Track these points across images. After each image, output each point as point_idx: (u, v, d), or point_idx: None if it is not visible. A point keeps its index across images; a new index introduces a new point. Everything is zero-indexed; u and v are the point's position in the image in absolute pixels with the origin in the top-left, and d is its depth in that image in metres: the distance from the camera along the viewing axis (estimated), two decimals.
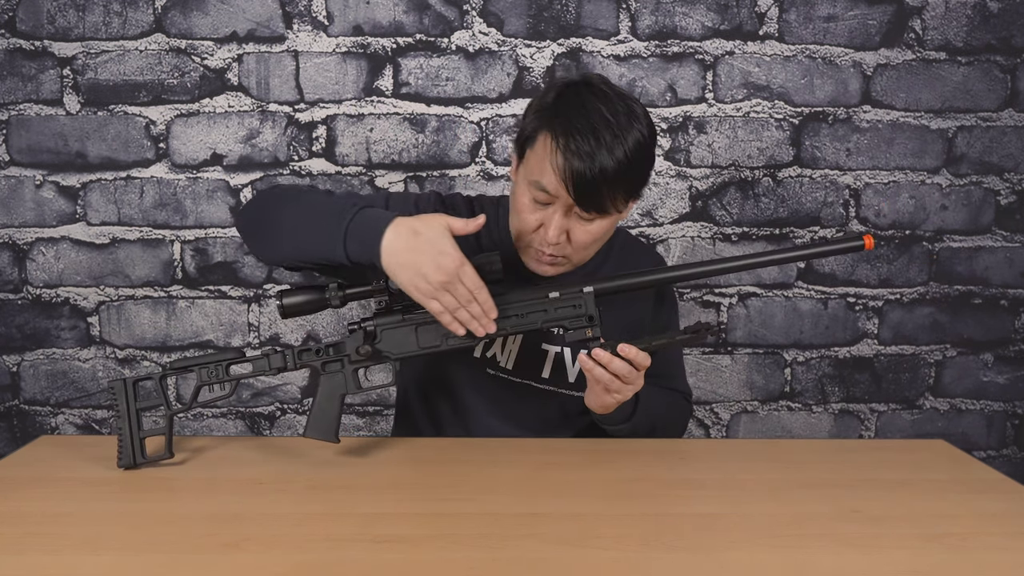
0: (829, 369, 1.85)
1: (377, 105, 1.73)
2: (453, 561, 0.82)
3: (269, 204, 1.13)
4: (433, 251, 0.99)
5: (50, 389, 1.80)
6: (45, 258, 1.76)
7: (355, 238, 1.02)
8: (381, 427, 1.83)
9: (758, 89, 1.76)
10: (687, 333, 1.10)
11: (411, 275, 1.00)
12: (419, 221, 1.01)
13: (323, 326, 1.80)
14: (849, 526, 0.92)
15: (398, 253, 1.00)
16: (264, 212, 1.13)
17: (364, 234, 1.02)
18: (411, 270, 1.00)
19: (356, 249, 1.02)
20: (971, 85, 1.77)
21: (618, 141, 1.05)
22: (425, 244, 0.99)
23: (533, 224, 1.12)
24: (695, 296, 1.81)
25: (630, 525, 0.90)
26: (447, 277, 0.99)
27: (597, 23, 1.72)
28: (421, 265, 0.99)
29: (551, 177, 1.07)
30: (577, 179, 1.05)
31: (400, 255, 1.00)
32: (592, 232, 1.11)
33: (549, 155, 1.07)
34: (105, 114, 1.72)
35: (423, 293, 1.01)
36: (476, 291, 1.01)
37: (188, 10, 1.69)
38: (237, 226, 1.20)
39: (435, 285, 1.00)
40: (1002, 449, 1.90)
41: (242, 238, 1.19)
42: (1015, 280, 1.84)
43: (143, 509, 0.95)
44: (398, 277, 1.01)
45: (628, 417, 1.19)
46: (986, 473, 1.09)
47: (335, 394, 1.11)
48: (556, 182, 1.07)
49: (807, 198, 1.79)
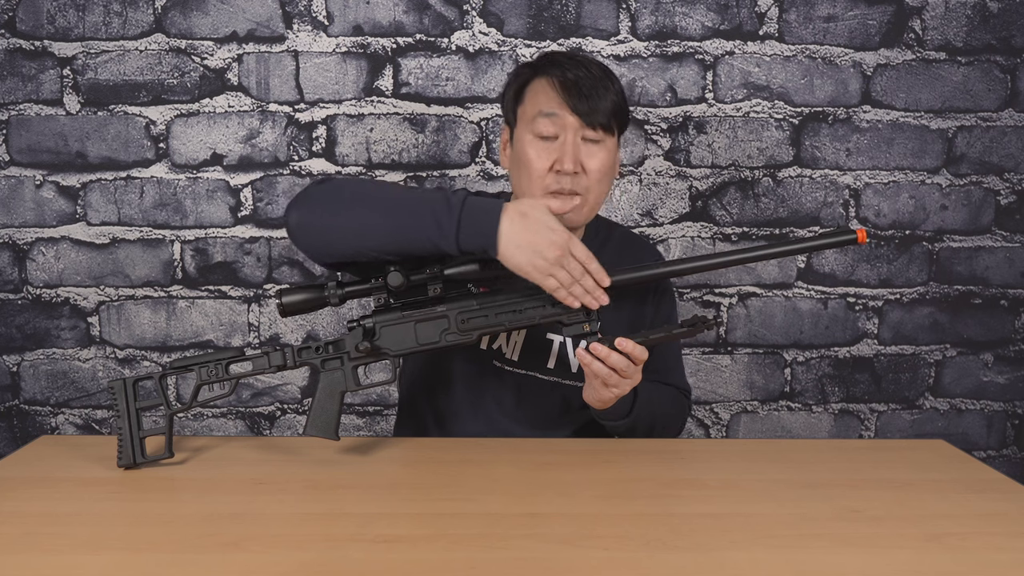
0: (829, 369, 1.85)
1: (377, 105, 1.73)
2: (453, 561, 0.82)
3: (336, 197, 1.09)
4: (545, 229, 1.03)
5: (50, 389, 1.80)
6: (45, 258, 1.76)
7: (470, 227, 1.04)
8: (381, 427, 1.83)
9: (758, 89, 1.76)
10: (684, 327, 1.11)
11: (529, 255, 1.03)
12: (523, 204, 1.05)
13: (323, 326, 1.80)
14: (849, 526, 0.92)
15: (515, 236, 1.03)
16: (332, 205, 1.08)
17: (479, 223, 1.04)
18: (529, 250, 1.03)
19: (471, 239, 1.04)
20: (971, 85, 1.77)
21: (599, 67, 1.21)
22: (536, 224, 1.03)
23: (547, 164, 1.18)
24: (695, 296, 1.81)
25: (630, 525, 0.90)
26: (561, 251, 1.03)
27: (597, 23, 1.72)
28: (537, 244, 1.03)
29: (550, 95, 1.18)
30: (572, 88, 1.17)
31: (517, 237, 1.03)
32: (600, 159, 1.19)
33: (544, 88, 1.19)
34: (105, 114, 1.72)
35: (540, 271, 1.04)
36: (587, 262, 1.06)
37: (188, 10, 1.69)
38: (290, 222, 1.10)
39: (551, 260, 1.03)
40: (1002, 449, 1.90)
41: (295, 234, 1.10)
42: (1015, 280, 1.84)
43: (143, 509, 0.95)
44: (516, 259, 1.04)
45: (627, 413, 1.19)
46: (986, 473, 1.09)
47: (335, 391, 1.11)
48: (557, 99, 1.17)
49: (807, 198, 1.79)
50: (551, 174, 1.18)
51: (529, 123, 1.20)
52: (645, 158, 1.77)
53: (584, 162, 1.18)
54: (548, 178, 1.19)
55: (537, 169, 1.18)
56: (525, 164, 1.19)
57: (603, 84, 1.19)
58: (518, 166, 1.22)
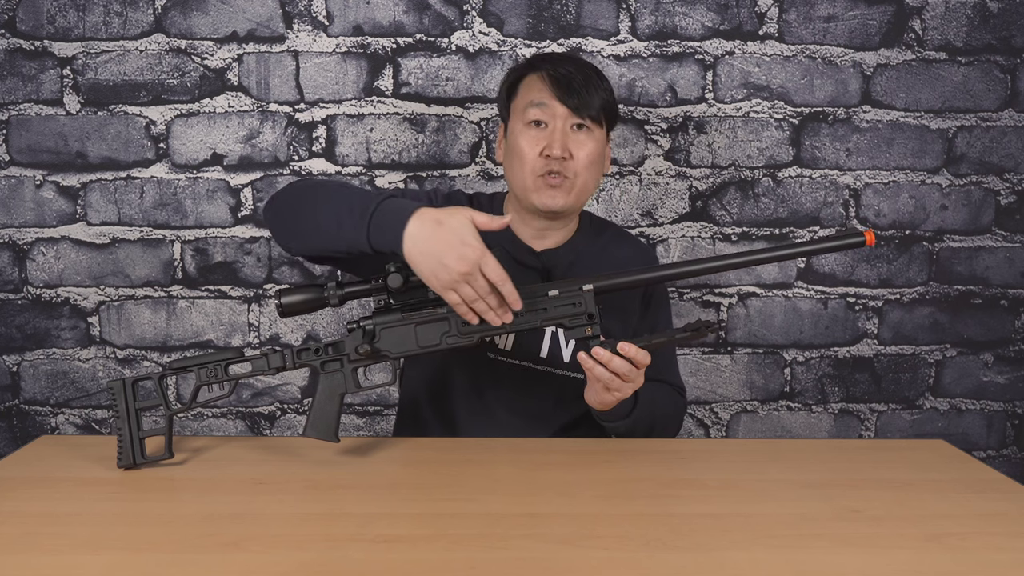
0: (829, 369, 1.85)
1: (377, 105, 1.73)
2: (453, 561, 0.82)
3: (296, 196, 1.15)
4: (456, 241, 1.00)
5: (50, 389, 1.80)
6: (45, 258, 1.76)
7: (379, 227, 1.04)
8: (381, 427, 1.83)
9: (758, 89, 1.76)
10: (687, 331, 1.10)
11: (432, 264, 1.01)
12: (443, 212, 1.03)
13: (323, 326, 1.80)
14: (849, 526, 0.92)
15: (421, 242, 1.01)
16: (291, 204, 1.15)
17: (388, 223, 1.03)
18: (433, 259, 1.01)
19: (379, 238, 1.04)
20: (971, 85, 1.77)
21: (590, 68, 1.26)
22: (448, 234, 1.01)
23: (536, 150, 1.22)
24: (695, 296, 1.81)
25: (630, 525, 0.90)
26: (468, 268, 1.00)
27: (597, 23, 1.72)
28: (443, 254, 1.00)
29: (541, 88, 1.23)
30: (563, 81, 1.22)
31: (422, 244, 1.01)
32: (588, 148, 1.23)
33: (535, 82, 1.24)
34: (105, 114, 1.72)
35: (442, 283, 1.02)
36: (500, 283, 1.02)
37: (188, 10, 1.69)
38: (265, 219, 1.22)
39: (454, 274, 1.00)
40: (1002, 449, 1.90)
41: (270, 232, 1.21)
42: (1015, 280, 1.84)
43: (143, 509, 0.95)
44: (419, 266, 1.02)
45: (627, 414, 1.19)
46: (986, 473, 1.09)
47: (334, 393, 1.11)
48: (548, 91, 1.22)
49: (807, 198, 1.79)
50: (540, 159, 1.22)
51: (521, 114, 1.25)
52: (645, 158, 1.77)
53: (572, 149, 1.22)
54: (538, 163, 1.22)
55: (528, 155, 1.22)
56: (517, 152, 1.24)
57: (592, 82, 1.23)
58: (511, 156, 1.26)
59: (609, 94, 1.26)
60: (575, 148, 1.22)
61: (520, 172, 1.24)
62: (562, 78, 1.22)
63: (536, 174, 1.23)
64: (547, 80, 1.23)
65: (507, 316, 1.05)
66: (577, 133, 1.23)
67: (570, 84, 1.22)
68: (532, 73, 1.26)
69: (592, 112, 1.23)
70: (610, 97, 1.26)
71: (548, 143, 1.22)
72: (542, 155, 1.22)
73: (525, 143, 1.23)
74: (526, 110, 1.23)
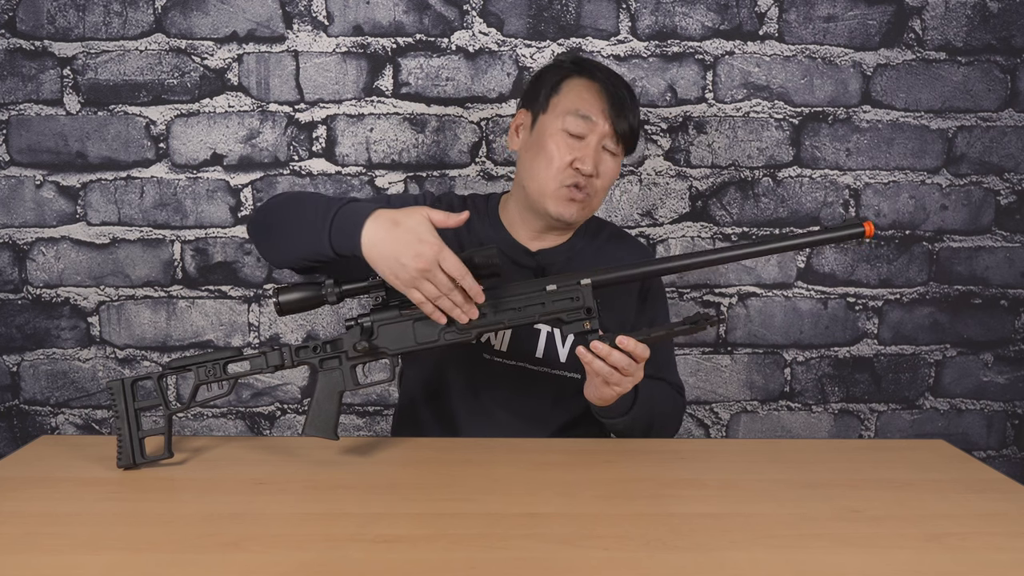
0: (829, 369, 1.85)
1: (377, 105, 1.73)
2: (453, 561, 0.82)
3: (272, 209, 1.18)
4: (412, 239, 1.02)
5: (50, 389, 1.80)
6: (45, 258, 1.76)
7: (339, 231, 1.06)
8: (381, 427, 1.83)
9: (758, 89, 1.76)
10: (686, 324, 1.10)
11: (390, 264, 1.03)
12: (399, 212, 1.04)
13: (323, 325, 1.80)
14: (849, 526, 0.92)
15: (379, 243, 1.03)
16: (267, 217, 1.17)
17: (347, 227, 1.05)
18: (391, 259, 1.02)
19: (340, 241, 1.06)
20: (971, 85, 1.77)
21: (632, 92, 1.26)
22: (404, 233, 1.02)
23: (567, 160, 1.21)
24: (695, 296, 1.81)
25: (630, 525, 0.90)
26: (425, 264, 1.01)
27: (597, 23, 1.72)
28: (400, 254, 1.02)
29: (590, 99, 1.22)
30: (615, 100, 1.21)
31: (380, 245, 1.03)
32: (612, 170, 1.24)
33: (587, 88, 1.22)
34: (105, 114, 1.72)
35: (402, 282, 1.03)
36: (460, 278, 1.03)
37: (188, 10, 1.69)
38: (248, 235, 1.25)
39: (413, 273, 1.02)
40: (1002, 449, 1.90)
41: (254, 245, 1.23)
42: (1015, 280, 1.84)
43: (143, 509, 0.95)
44: (379, 266, 1.04)
45: (627, 410, 1.19)
46: (986, 473, 1.09)
47: (333, 391, 1.11)
48: (597, 105, 1.21)
49: (807, 198, 1.79)
50: (570, 169, 1.21)
51: (561, 116, 1.22)
52: (645, 158, 1.77)
53: (599, 167, 1.22)
54: (566, 172, 1.21)
55: (557, 160, 1.21)
56: (546, 153, 1.22)
57: (634, 109, 1.24)
58: (535, 152, 1.24)
59: (639, 123, 1.27)
60: (602, 167, 1.23)
61: (544, 173, 1.23)
62: (615, 96, 1.22)
63: (562, 183, 1.22)
64: (602, 93, 1.22)
65: (472, 312, 1.06)
66: (605, 153, 1.23)
67: (622, 104, 1.22)
68: (584, 77, 1.24)
69: (627, 138, 1.24)
70: (639, 126, 1.28)
71: (581, 156, 1.21)
72: (572, 166, 1.21)
73: (557, 148, 1.21)
74: (568, 117, 1.21)
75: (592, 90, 1.22)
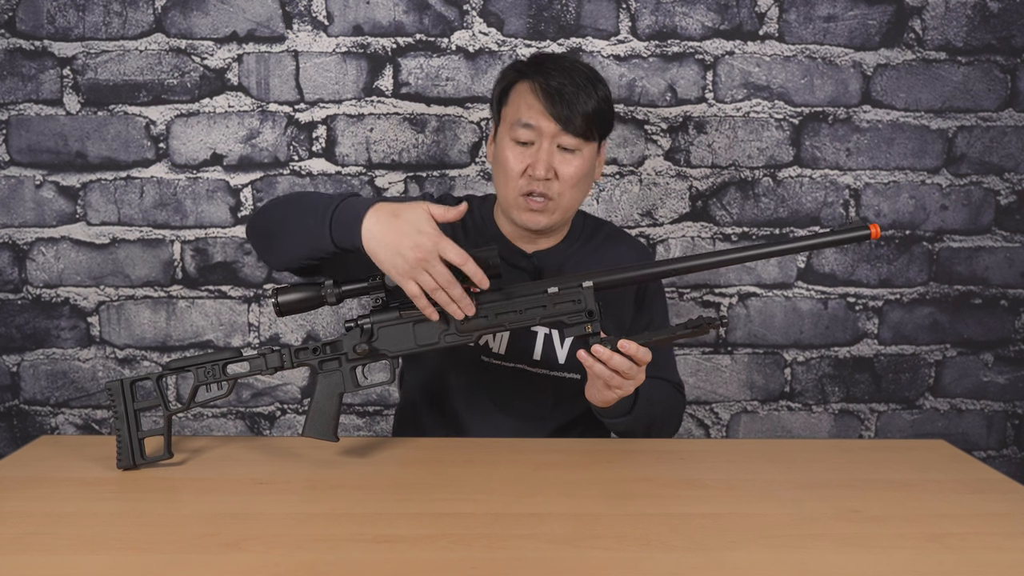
0: (829, 369, 1.85)
1: (377, 105, 1.73)
2: (453, 561, 0.82)
3: (269, 211, 1.18)
4: (411, 231, 1.02)
5: (50, 389, 1.80)
6: (45, 258, 1.76)
7: (340, 224, 1.07)
8: (381, 427, 1.83)
9: (758, 89, 1.76)
10: (688, 327, 1.09)
11: (390, 254, 1.03)
12: (400, 205, 1.05)
13: (323, 326, 1.80)
14: (849, 526, 0.92)
15: (378, 234, 1.04)
16: (267, 217, 1.18)
17: (348, 220, 1.06)
18: (390, 249, 1.03)
19: (341, 235, 1.07)
20: (971, 85, 1.77)
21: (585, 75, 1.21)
22: (404, 224, 1.03)
23: (520, 168, 1.20)
24: (695, 296, 1.81)
25: (630, 525, 0.90)
26: (424, 255, 1.02)
27: (597, 23, 1.72)
28: (399, 245, 1.02)
29: (531, 103, 1.19)
30: (554, 95, 1.17)
31: (380, 236, 1.04)
32: (575, 167, 1.20)
33: (526, 94, 1.20)
34: (105, 114, 1.72)
35: (401, 272, 1.03)
36: (462, 264, 1.03)
37: (188, 10, 1.69)
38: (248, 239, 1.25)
39: (412, 263, 1.02)
40: (1002, 449, 1.90)
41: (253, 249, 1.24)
42: (1015, 280, 1.84)
43: (143, 509, 0.95)
44: (378, 257, 1.04)
45: (628, 411, 1.19)
46: (986, 473, 1.09)
47: (333, 393, 1.11)
48: (536, 107, 1.19)
49: (807, 198, 1.79)
50: (524, 177, 1.21)
51: (509, 127, 1.22)
52: (645, 158, 1.77)
53: (557, 168, 1.20)
54: (521, 180, 1.21)
55: (512, 170, 1.22)
56: (502, 164, 1.23)
57: (586, 91, 1.19)
58: (496, 165, 1.26)
59: (604, 102, 1.22)
60: (561, 166, 1.20)
61: (504, 186, 1.24)
62: (553, 91, 1.18)
63: (519, 192, 1.21)
64: (539, 92, 1.19)
65: (470, 309, 1.06)
66: (564, 152, 1.21)
67: (562, 96, 1.18)
68: (524, 81, 1.22)
69: (581, 128, 1.19)
70: (605, 106, 1.22)
71: (533, 162, 1.19)
72: (525, 174, 1.20)
73: (510, 158, 1.21)
74: (513, 127, 1.21)
75: (533, 93, 1.20)
